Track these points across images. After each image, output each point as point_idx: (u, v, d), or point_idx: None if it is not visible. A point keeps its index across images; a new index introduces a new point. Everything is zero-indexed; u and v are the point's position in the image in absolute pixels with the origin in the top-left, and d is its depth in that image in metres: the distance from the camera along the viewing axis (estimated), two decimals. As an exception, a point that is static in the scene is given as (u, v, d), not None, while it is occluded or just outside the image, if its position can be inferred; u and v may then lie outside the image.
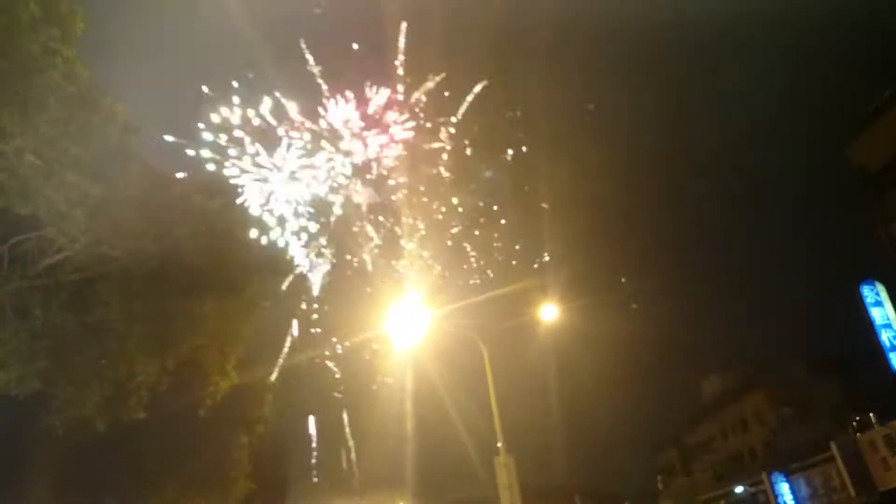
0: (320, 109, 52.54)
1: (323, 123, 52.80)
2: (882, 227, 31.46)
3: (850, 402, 40.54)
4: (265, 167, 50.11)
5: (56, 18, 14.45)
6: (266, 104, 49.81)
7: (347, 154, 53.07)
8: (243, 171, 48.66)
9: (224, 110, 48.60)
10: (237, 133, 48.48)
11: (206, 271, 18.21)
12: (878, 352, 27.86)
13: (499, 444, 20.44)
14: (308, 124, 51.68)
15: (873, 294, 28.21)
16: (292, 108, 50.99)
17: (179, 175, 21.31)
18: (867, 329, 28.07)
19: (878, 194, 31.60)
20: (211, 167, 45.44)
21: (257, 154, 48.59)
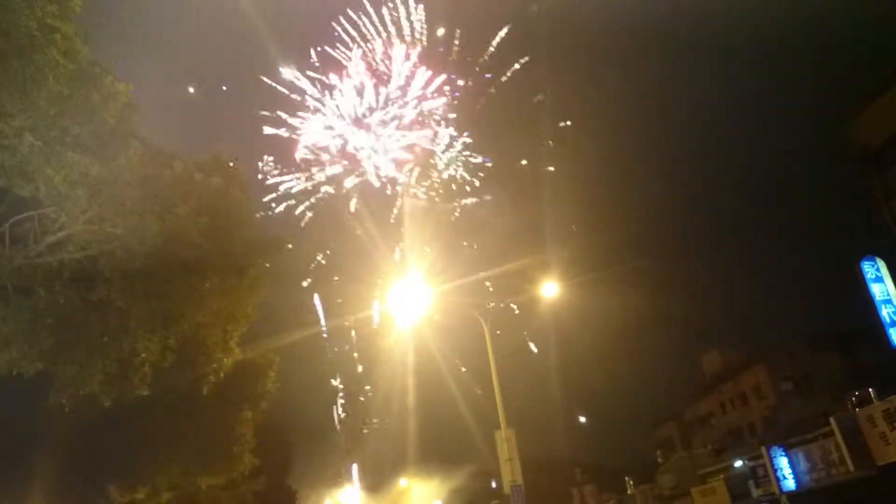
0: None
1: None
2: (883, 203, 31.35)
3: (850, 377, 40.83)
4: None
5: (53, -6, 14.27)
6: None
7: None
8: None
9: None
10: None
11: (209, 249, 18.22)
12: (879, 327, 27.94)
13: (500, 419, 20.69)
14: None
15: (874, 270, 28.19)
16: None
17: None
18: (867, 305, 28.12)
19: (880, 170, 31.47)
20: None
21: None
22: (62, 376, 17.55)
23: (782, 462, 27.68)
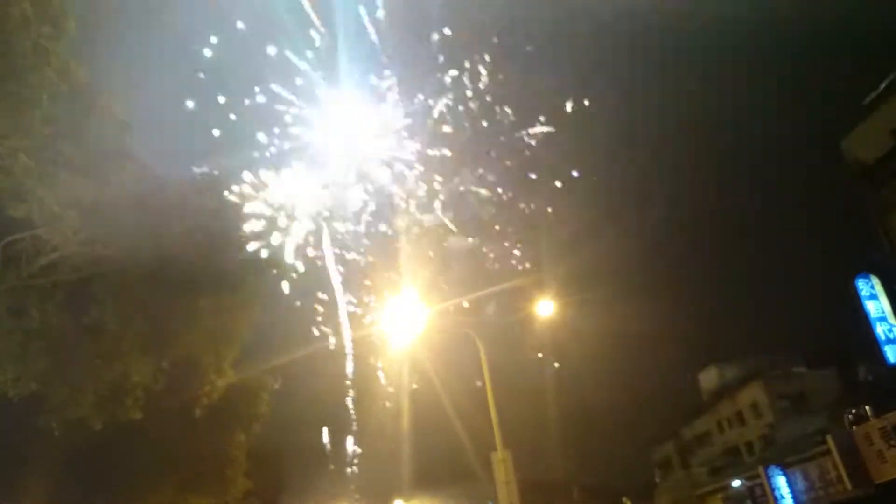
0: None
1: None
2: (877, 220, 31.42)
3: (847, 394, 40.72)
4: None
5: (48, 16, 14.32)
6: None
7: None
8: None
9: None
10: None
11: (202, 270, 18.16)
12: (874, 344, 27.93)
13: (496, 440, 20.49)
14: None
15: (868, 287, 28.24)
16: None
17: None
18: (863, 322, 28.14)
19: (874, 187, 31.55)
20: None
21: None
22: (54, 398, 17.40)
23: (780, 482, 27.56)
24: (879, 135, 30.95)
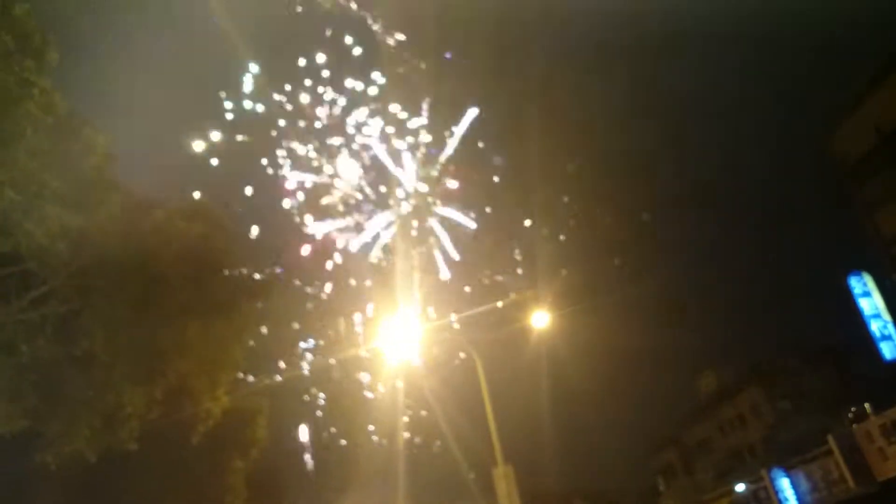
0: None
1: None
2: (866, 217, 31.55)
3: (846, 392, 40.75)
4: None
5: (30, 49, 14.34)
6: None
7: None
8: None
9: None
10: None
11: (192, 296, 18.07)
12: (869, 341, 27.99)
13: (496, 454, 20.34)
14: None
15: (861, 285, 28.35)
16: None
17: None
18: (857, 319, 28.23)
19: (861, 183, 31.68)
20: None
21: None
22: (48, 433, 17.22)
23: (784, 483, 27.49)
24: (864, 131, 31.11)
